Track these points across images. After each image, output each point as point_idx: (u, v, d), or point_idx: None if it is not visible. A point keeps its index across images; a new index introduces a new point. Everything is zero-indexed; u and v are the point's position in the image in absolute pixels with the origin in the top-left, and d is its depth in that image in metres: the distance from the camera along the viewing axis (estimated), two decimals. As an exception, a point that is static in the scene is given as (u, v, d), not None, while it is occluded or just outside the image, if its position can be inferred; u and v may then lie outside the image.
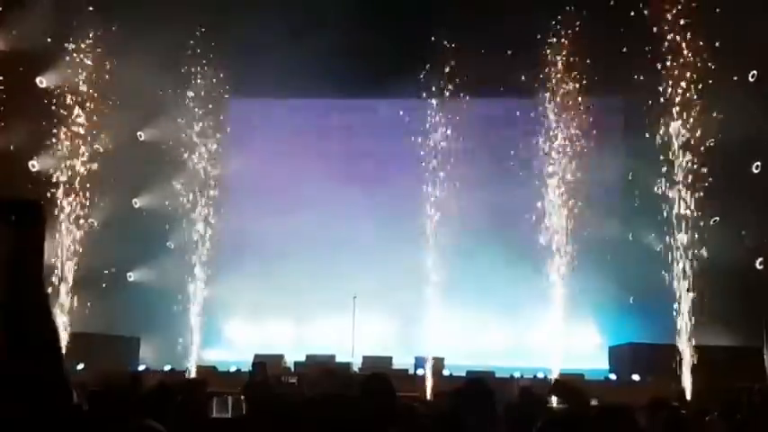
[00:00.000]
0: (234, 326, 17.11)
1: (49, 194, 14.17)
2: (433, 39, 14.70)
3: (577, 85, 14.61)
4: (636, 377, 13.11)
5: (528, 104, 15.72)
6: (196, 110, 15.85)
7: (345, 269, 15.53)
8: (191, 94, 15.79)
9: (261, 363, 10.66)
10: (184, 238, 15.58)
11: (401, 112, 16.04)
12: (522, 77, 14.71)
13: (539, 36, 14.52)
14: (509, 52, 14.29)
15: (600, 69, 14.36)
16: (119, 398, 4.06)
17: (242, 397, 9.39)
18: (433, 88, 15.12)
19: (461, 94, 15.17)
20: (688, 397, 11.91)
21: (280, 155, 17.03)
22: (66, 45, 14.55)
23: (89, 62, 14.62)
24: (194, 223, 15.62)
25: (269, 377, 10.26)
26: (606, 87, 15.12)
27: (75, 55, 14.63)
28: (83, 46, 14.64)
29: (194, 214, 15.65)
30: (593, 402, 7.32)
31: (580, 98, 14.77)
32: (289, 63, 14.28)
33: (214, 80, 15.81)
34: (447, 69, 15.04)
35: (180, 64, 15.13)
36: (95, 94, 14.64)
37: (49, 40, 14.35)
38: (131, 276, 16.77)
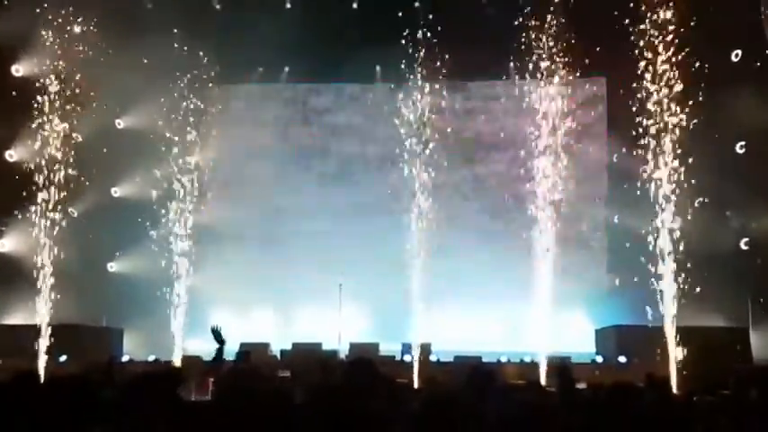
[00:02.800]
0: (219, 316, 16.91)
1: (27, 185, 13.88)
2: (422, 22, 14.61)
3: (561, 68, 14.48)
4: (622, 359, 13.17)
5: (510, 88, 15.63)
6: (175, 96, 15.54)
7: (331, 257, 15.41)
8: (169, 82, 15.47)
9: (245, 351, 10.57)
10: (166, 227, 15.33)
11: (385, 98, 15.86)
12: (504, 62, 14.65)
13: (520, 19, 14.37)
14: (490, 36, 14.26)
15: (583, 52, 14.25)
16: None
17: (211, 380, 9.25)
18: (419, 73, 14.93)
19: (443, 79, 15.02)
20: (674, 378, 11.94)
21: (261, 143, 16.86)
22: (42, 32, 14.19)
23: (67, 50, 14.27)
24: (176, 213, 15.36)
25: (256, 366, 10.16)
26: (589, 69, 15.02)
27: (52, 42, 14.27)
28: (60, 33, 14.28)
29: (175, 203, 15.39)
30: (581, 385, 7.33)
31: (563, 80, 14.65)
32: (270, 47, 14.13)
33: (194, 71, 15.51)
34: (428, 54, 14.87)
35: (160, 51, 14.83)
36: (73, 82, 14.31)
37: (24, 28, 14.03)
38: (112, 267, 16.58)
